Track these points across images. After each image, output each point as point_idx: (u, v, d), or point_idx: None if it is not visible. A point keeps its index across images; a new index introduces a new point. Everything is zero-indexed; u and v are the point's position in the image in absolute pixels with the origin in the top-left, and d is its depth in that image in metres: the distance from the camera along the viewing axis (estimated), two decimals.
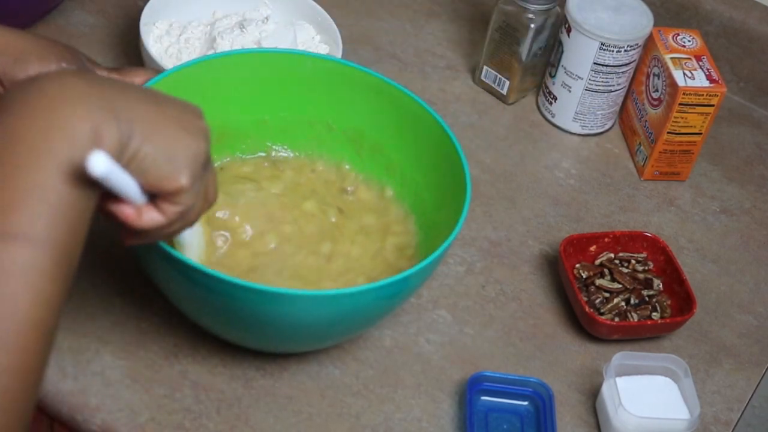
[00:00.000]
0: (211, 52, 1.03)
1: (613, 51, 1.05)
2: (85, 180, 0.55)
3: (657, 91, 1.06)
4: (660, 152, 1.07)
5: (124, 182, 0.58)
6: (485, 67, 1.13)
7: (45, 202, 0.53)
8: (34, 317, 0.53)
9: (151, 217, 0.61)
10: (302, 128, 0.94)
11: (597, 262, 0.96)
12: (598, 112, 1.10)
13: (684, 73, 1.03)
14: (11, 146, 0.54)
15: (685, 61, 1.05)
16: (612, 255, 0.96)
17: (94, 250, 0.89)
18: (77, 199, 0.55)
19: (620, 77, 1.08)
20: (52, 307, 0.54)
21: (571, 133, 1.12)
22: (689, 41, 1.07)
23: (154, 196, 0.62)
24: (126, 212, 0.60)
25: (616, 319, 0.92)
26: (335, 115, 0.93)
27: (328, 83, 0.92)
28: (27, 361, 0.53)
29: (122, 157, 0.57)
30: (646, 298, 0.93)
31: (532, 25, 1.07)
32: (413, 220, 0.90)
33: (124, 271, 0.88)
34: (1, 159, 0.54)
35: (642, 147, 1.09)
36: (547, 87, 1.12)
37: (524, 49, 1.09)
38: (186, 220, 0.64)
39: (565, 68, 1.08)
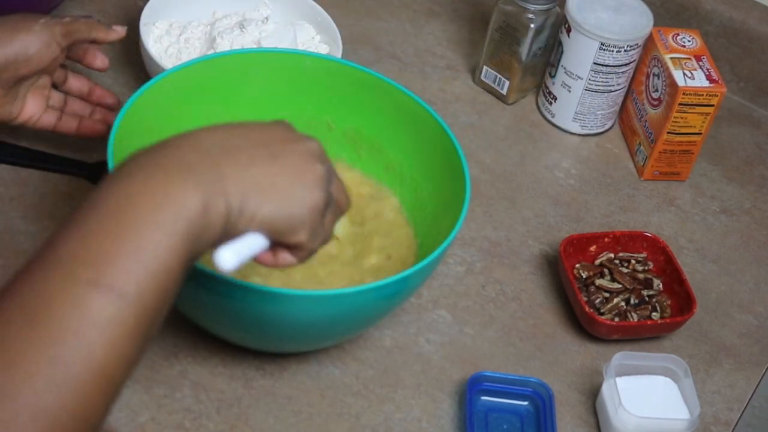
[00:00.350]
0: (211, 52, 1.03)
1: (613, 51, 1.05)
2: (186, 256, 0.57)
3: (657, 91, 1.06)
4: (660, 152, 1.07)
5: (250, 251, 0.62)
6: (485, 67, 1.13)
7: (143, 264, 0.55)
8: (105, 369, 0.54)
9: (284, 258, 0.65)
10: (301, 128, 0.93)
11: (597, 262, 0.96)
12: (598, 112, 1.10)
13: (684, 73, 1.03)
14: (124, 209, 0.56)
15: (685, 61, 1.05)
16: (612, 255, 0.96)
17: None
18: (174, 269, 0.57)
19: (620, 77, 1.08)
20: (125, 364, 0.55)
21: (571, 133, 1.12)
22: (689, 41, 1.07)
23: None
24: (262, 259, 0.64)
25: (616, 319, 0.92)
26: (335, 115, 0.93)
27: (327, 83, 0.92)
28: (86, 409, 0.53)
29: (238, 223, 0.60)
30: (646, 298, 0.93)
31: (532, 25, 1.07)
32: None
33: None
34: (113, 216, 0.56)
35: (642, 147, 1.09)
36: (547, 87, 1.12)
37: (524, 49, 1.09)
38: (321, 246, 0.67)
39: (565, 68, 1.08)
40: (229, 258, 0.60)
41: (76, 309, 0.53)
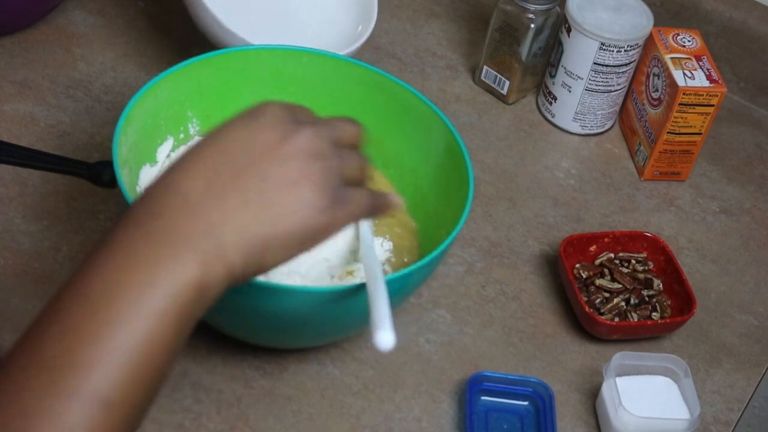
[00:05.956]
0: None
1: (613, 51, 1.05)
2: (181, 330, 0.54)
3: (657, 91, 1.06)
4: (660, 152, 1.07)
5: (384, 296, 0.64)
6: (485, 67, 1.13)
7: (129, 364, 0.51)
8: None
9: None
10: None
11: (597, 262, 0.96)
12: (598, 112, 1.10)
13: (684, 73, 1.03)
14: (108, 297, 0.52)
15: (685, 61, 1.05)
16: (612, 255, 0.96)
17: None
18: (161, 356, 0.53)
19: (620, 77, 1.08)
20: None
21: (571, 133, 1.12)
22: (689, 41, 1.07)
23: None
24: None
25: (616, 319, 0.92)
26: (333, 110, 0.93)
27: (324, 78, 0.92)
28: None
29: (245, 276, 0.57)
30: (646, 298, 0.93)
31: (532, 25, 1.07)
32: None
33: None
34: (98, 311, 0.52)
35: (642, 147, 1.09)
36: (547, 87, 1.12)
37: (524, 49, 1.09)
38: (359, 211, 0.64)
39: (565, 68, 1.08)
40: (389, 339, 0.60)
41: (57, 425, 0.49)
